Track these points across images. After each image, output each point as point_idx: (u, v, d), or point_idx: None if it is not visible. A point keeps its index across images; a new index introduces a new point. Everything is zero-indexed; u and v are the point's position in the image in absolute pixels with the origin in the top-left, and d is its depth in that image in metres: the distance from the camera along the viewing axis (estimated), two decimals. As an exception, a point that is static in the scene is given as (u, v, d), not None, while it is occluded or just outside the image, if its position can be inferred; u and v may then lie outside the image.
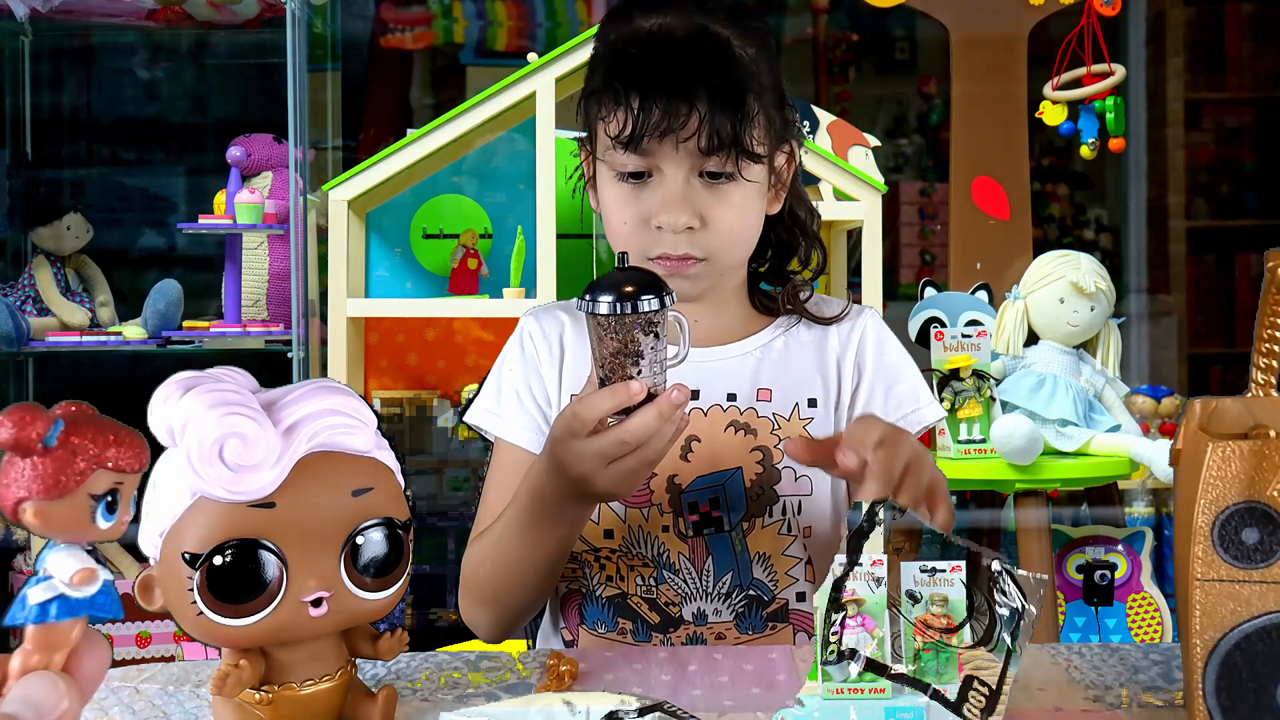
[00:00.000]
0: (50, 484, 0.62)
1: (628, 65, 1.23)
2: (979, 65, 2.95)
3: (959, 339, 2.38)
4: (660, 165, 1.23)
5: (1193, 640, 0.85)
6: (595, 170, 1.31)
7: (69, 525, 0.63)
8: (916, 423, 1.34)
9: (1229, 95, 4.73)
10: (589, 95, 1.28)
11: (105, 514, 0.63)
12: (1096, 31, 2.76)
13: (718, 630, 1.29)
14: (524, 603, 1.29)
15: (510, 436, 1.33)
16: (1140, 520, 2.86)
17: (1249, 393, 0.90)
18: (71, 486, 0.62)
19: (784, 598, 1.30)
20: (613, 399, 1.06)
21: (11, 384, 3.21)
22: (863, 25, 5.03)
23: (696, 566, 1.29)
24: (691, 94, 1.19)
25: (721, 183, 1.24)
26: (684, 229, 1.23)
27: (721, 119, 1.20)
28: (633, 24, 1.26)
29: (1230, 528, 0.85)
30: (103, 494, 0.63)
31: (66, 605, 0.62)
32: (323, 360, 2.58)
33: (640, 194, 1.24)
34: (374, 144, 3.95)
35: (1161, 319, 4.66)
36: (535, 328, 1.37)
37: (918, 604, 0.89)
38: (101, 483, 0.63)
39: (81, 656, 0.63)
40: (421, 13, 4.52)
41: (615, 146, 1.23)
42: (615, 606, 1.31)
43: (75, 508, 0.63)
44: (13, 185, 3.26)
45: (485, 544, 1.27)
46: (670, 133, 1.20)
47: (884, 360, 1.35)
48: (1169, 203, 4.69)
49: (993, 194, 2.91)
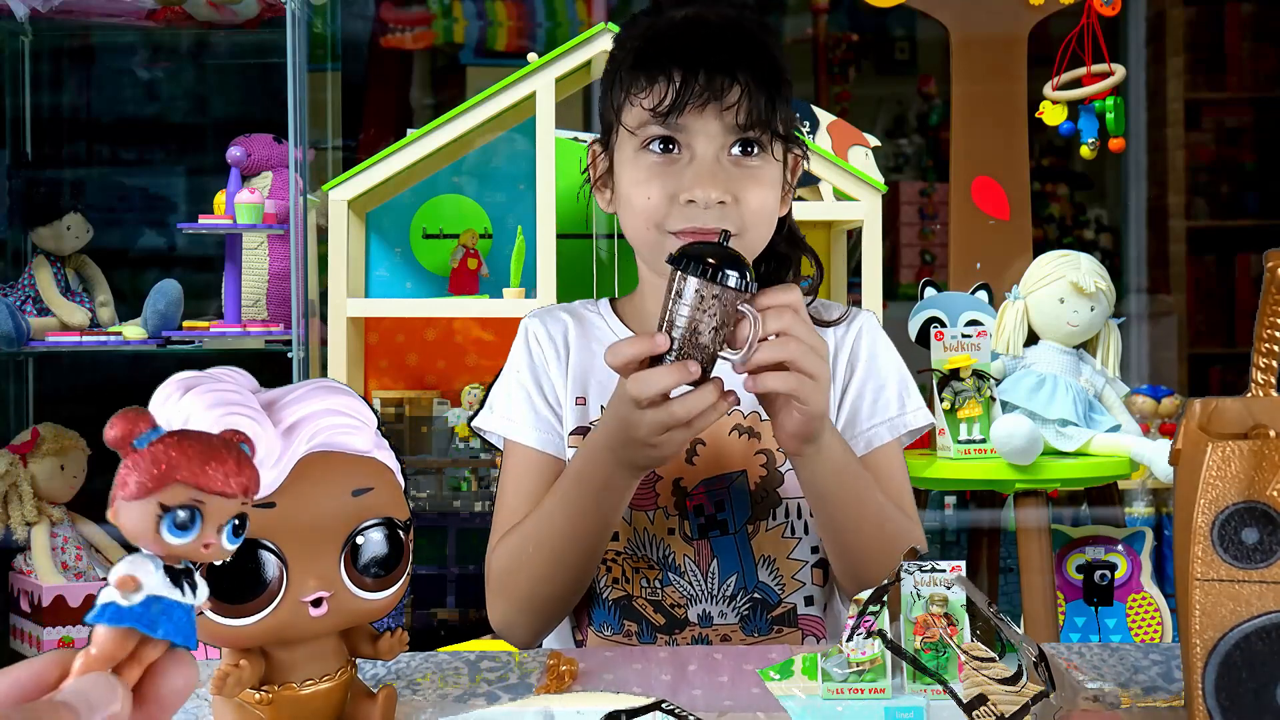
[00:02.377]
0: (130, 486, 0.63)
1: (665, 44, 1.25)
2: (979, 65, 2.95)
3: (959, 339, 2.38)
4: (693, 141, 1.24)
5: (1193, 640, 0.85)
6: (612, 164, 1.32)
7: (135, 531, 0.63)
8: (902, 427, 1.35)
9: (1229, 95, 4.73)
10: (616, 79, 1.29)
11: (172, 528, 0.63)
12: (1096, 31, 2.76)
13: (723, 632, 1.29)
14: (560, 594, 1.28)
15: (523, 438, 1.33)
16: (1140, 520, 2.86)
17: (1249, 393, 0.90)
18: (145, 492, 0.63)
19: (791, 601, 1.31)
20: (672, 377, 1.07)
21: (11, 384, 3.21)
22: (863, 25, 5.03)
23: (701, 569, 1.29)
24: (732, 68, 1.22)
25: (751, 162, 1.25)
26: (716, 204, 1.23)
27: (759, 95, 1.22)
28: (663, 16, 1.28)
29: (1230, 528, 0.84)
30: (174, 507, 0.63)
31: (115, 612, 0.63)
32: (323, 360, 2.58)
33: (668, 170, 1.25)
34: (374, 144, 3.95)
35: (1161, 319, 4.66)
36: (540, 329, 1.38)
37: (918, 603, 0.89)
38: (175, 496, 0.63)
39: (162, 675, 0.64)
40: (421, 13, 4.51)
41: (651, 120, 1.23)
42: (621, 609, 1.31)
43: (144, 515, 0.63)
44: (13, 185, 3.25)
45: (520, 537, 1.27)
46: (713, 101, 1.21)
47: (875, 363, 1.36)
48: (1169, 203, 4.69)
49: (993, 194, 2.91)
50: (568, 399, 1.34)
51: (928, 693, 0.90)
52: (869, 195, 2.45)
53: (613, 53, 1.33)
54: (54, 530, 2.83)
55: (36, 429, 2.88)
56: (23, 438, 2.88)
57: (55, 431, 2.88)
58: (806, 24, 4.97)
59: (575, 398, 1.34)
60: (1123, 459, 2.35)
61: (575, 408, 1.34)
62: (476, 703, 1.00)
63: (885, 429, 1.33)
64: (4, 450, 2.86)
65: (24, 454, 2.84)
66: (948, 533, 3.19)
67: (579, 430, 1.33)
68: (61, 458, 2.85)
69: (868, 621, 0.88)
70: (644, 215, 1.26)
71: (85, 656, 0.62)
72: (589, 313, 1.40)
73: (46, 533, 2.81)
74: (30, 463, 2.83)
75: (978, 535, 2.81)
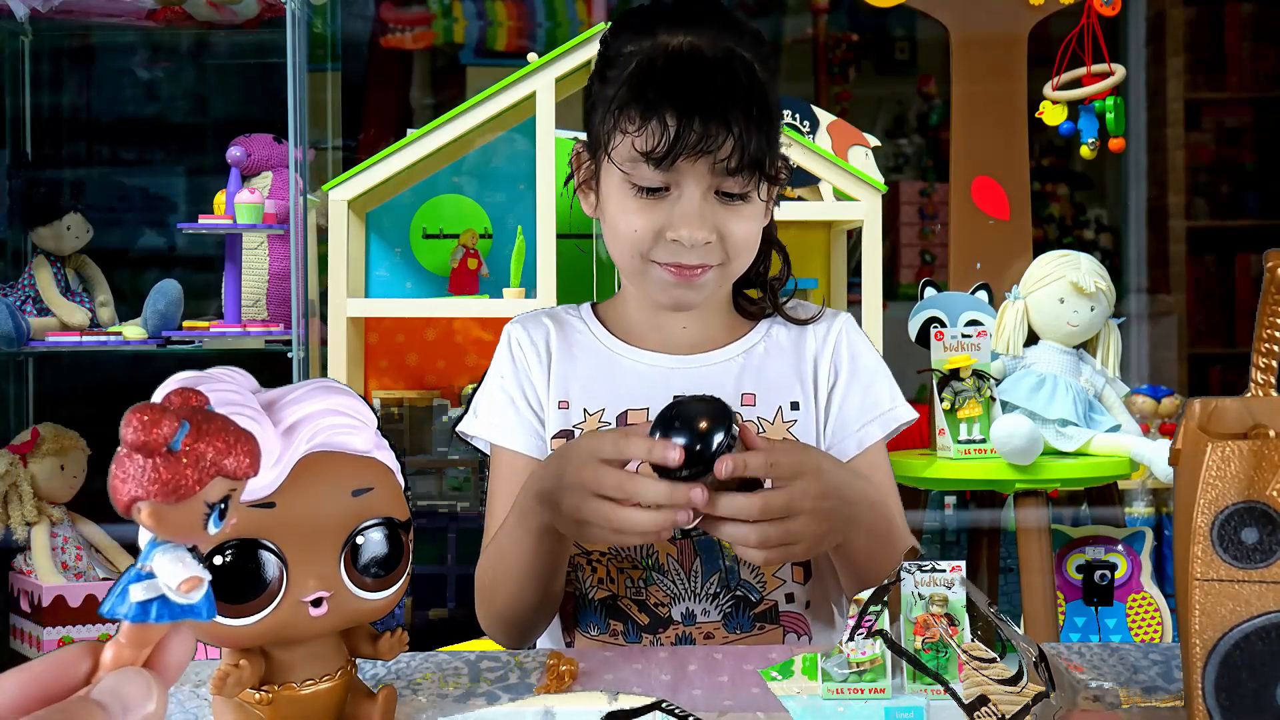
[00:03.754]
0: (170, 489, 0.62)
1: (660, 81, 1.23)
2: (979, 65, 2.95)
3: (959, 339, 2.38)
4: (681, 181, 1.24)
5: (1192, 640, 0.85)
6: (598, 173, 1.32)
7: (182, 530, 0.63)
8: (893, 421, 1.36)
9: (1229, 95, 4.73)
10: (610, 105, 1.27)
11: (217, 520, 0.63)
12: (1096, 31, 2.76)
13: (706, 630, 1.30)
14: (528, 611, 1.29)
15: (509, 443, 1.35)
16: (1140, 520, 2.86)
17: (1249, 393, 0.90)
18: (190, 493, 0.62)
19: (773, 599, 1.32)
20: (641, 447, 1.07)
21: (11, 384, 3.21)
22: (863, 25, 5.03)
23: (685, 568, 1.30)
24: (726, 115, 1.20)
25: (736, 201, 1.26)
26: (703, 244, 1.24)
27: (751, 140, 1.21)
28: (656, 39, 1.25)
29: (1230, 528, 0.84)
30: (217, 501, 0.63)
31: (168, 608, 0.62)
32: (323, 360, 2.58)
33: (656, 206, 1.25)
34: (374, 144, 3.96)
35: (1161, 319, 4.66)
36: (523, 335, 1.38)
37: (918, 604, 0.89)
38: (217, 491, 0.63)
39: (167, 647, 0.63)
40: (421, 13, 4.52)
41: (644, 161, 1.23)
42: (606, 608, 1.32)
43: (190, 514, 0.62)
44: (13, 185, 3.25)
45: (490, 555, 1.29)
46: (706, 154, 1.21)
47: (859, 363, 1.37)
48: (1169, 203, 4.69)
49: (993, 194, 2.91)
50: (550, 403, 1.35)
51: (928, 693, 0.90)
52: (869, 195, 2.45)
53: (600, 65, 1.31)
54: (54, 530, 2.83)
55: (36, 429, 2.88)
56: (23, 438, 2.88)
57: (55, 431, 2.88)
58: (806, 24, 4.96)
59: (558, 402, 1.35)
60: (1123, 459, 2.35)
61: (558, 411, 1.34)
62: (476, 703, 1.00)
63: (876, 426, 1.35)
64: (4, 450, 2.86)
65: (24, 454, 2.84)
66: (948, 533, 3.19)
67: (561, 434, 1.33)
68: (61, 458, 2.85)
69: (868, 621, 0.88)
70: (629, 244, 1.27)
71: (115, 648, 0.61)
72: (571, 317, 1.41)
73: (46, 533, 2.81)
74: (30, 463, 2.83)
75: (978, 535, 2.82)
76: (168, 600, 0.62)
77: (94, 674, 0.61)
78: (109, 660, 0.61)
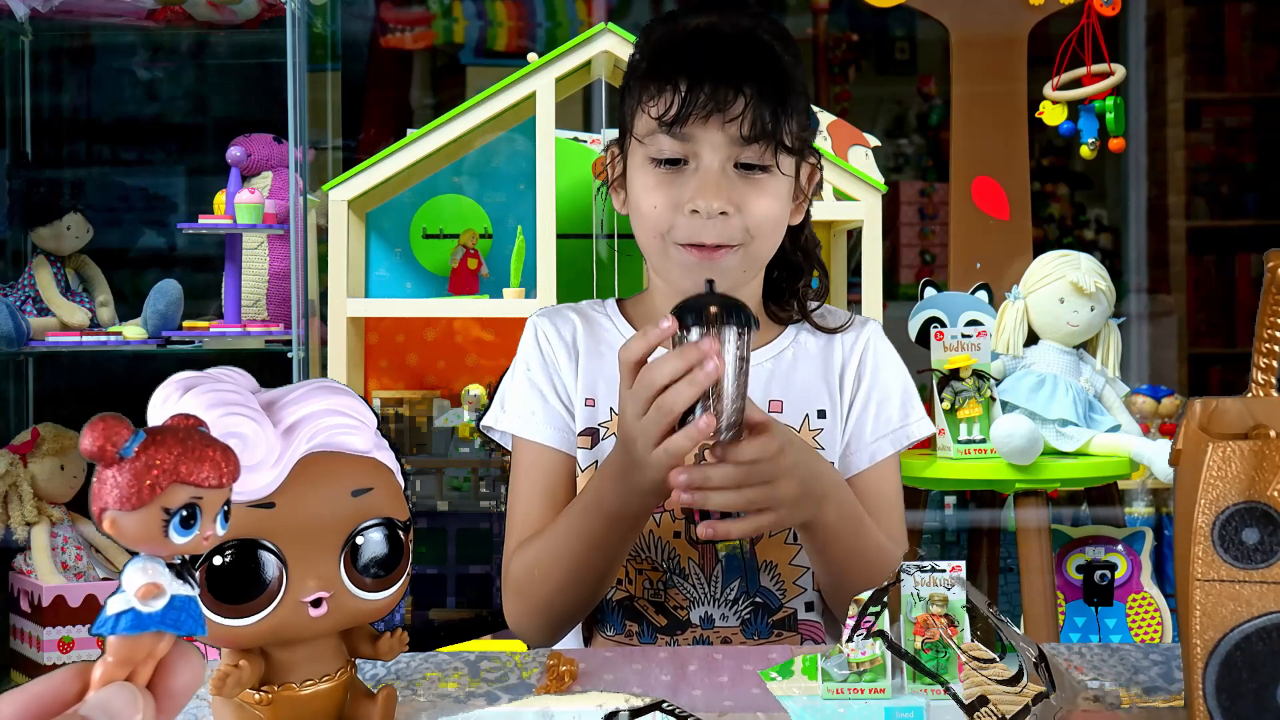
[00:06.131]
0: (125, 495, 0.62)
1: (676, 53, 1.26)
2: (979, 65, 2.94)
3: (959, 339, 2.38)
4: (699, 151, 1.24)
5: (1193, 640, 0.85)
6: (626, 166, 1.32)
7: (141, 538, 0.63)
8: (905, 438, 1.36)
9: (1229, 95, 4.73)
10: (630, 84, 1.30)
11: (179, 529, 0.63)
12: (1096, 31, 2.75)
13: (724, 635, 1.30)
14: (577, 605, 1.29)
15: (537, 436, 1.33)
16: (1140, 520, 2.86)
17: (1249, 393, 0.90)
18: (144, 499, 0.63)
19: (792, 606, 1.31)
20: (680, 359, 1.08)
21: (11, 384, 3.21)
22: (863, 25, 5.03)
23: (706, 572, 1.30)
24: (739, 81, 1.22)
25: (756, 174, 1.25)
26: (718, 214, 1.24)
27: (764, 108, 1.22)
28: (679, 23, 1.29)
29: (1230, 528, 0.84)
30: (177, 508, 0.63)
31: (137, 619, 0.62)
32: (323, 360, 2.58)
33: (675, 180, 1.26)
34: (374, 144, 3.95)
35: (1161, 319, 4.66)
36: (549, 328, 1.37)
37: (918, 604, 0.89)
38: (176, 497, 0.63)
39: (171, 670, 0.64)
40: (421, 13, 4.51)
41: (659, 129, 1.24)
42: (624, 610, 1.31)
43: (147, 521, 0.63)
44: (13, 185, 3.25)
45: (538, 550, 1.27)
46: (715, 114, 1.22)
47: (880, 376, 1.37)
48: (1169, 203, 4.69)
49: (993, 194, 2.91)
50: (578, 399, 1.34)
51: (928, 693, 0.90)
52: (869, 195, 2.45)
53: (631, 57, 1.34)
54: (54, 530, 2.83)
55: (36, 429, 2.88)
56: (23, 438, 2.88)
57: (55, 431, 2.88)
58: (806, 24, 4.96)
59: (585, 399, 1.34)
60: (1123, 459, 2.35)
61: (585, 409, 1.34)
62: (476, 703, 1.00)
63: (888, 442, 1.35)
64: (4, 450, 2.85)
65: (24, 454, 2.84)
66: (948, 533, 3.19)
67: (588, 431, 1.33)
68: (61, 458, 2.85)
69: (868, 621, 0.88)
70: (650, 224, 1.27)
71: (104, 666, 0.62)
72: (597, 314, 1.40)
73: (46, 533, 2.81)
74: (30, 463, 2.83)
75: (978, 535, 2.81)
76: (137, 612, 0.62)
77: (85, 693, 0.62)
78: (97, 678, 0.62)
